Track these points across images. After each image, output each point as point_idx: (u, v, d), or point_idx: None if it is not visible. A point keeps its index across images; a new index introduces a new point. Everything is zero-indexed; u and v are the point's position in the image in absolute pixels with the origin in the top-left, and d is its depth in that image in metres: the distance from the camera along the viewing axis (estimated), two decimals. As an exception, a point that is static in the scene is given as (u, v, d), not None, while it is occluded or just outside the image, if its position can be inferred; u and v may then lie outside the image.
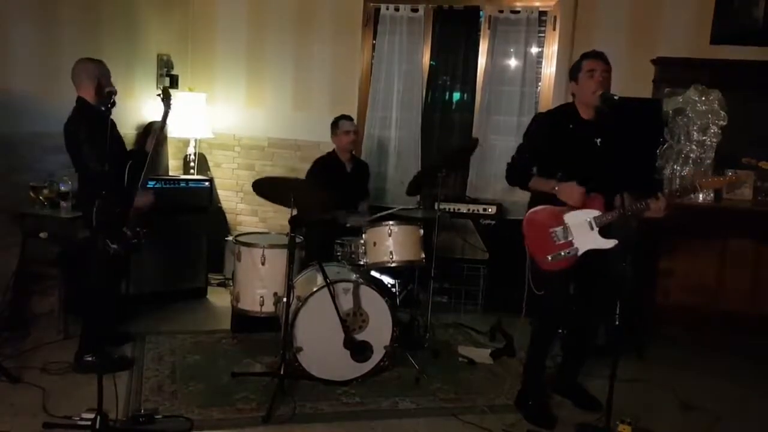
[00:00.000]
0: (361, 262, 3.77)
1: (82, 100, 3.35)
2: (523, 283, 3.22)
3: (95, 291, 3.41)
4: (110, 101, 2.87)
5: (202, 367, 3.60)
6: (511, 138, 5.12)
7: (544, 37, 5.20)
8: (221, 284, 5.15)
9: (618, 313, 2.77)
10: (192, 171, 5.39)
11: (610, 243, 3.06)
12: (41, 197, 3.84)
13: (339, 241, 3.92)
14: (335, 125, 4.47)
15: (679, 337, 4.25)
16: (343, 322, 3.37)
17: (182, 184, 4.78)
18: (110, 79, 3.39)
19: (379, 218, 3.99)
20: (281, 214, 5.35)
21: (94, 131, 3.13)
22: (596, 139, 3.08)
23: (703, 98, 4.37)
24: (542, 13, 5.19)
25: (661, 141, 4.50)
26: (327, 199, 3.50)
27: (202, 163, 5.66)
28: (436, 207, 4.10)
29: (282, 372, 3.22)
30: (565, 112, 3.19)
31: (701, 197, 4.29)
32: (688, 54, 4.63)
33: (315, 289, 3.40)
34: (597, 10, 4.93)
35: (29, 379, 3.24)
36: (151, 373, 3.47)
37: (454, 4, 5.36)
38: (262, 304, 3.83)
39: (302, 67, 5.54)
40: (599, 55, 3.08)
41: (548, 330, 3.27)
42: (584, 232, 3.07)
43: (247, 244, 3.92)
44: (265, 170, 5.58)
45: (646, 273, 4.16)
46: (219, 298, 4.86)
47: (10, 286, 3.72)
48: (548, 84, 5.19)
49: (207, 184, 4.91)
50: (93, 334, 3.41)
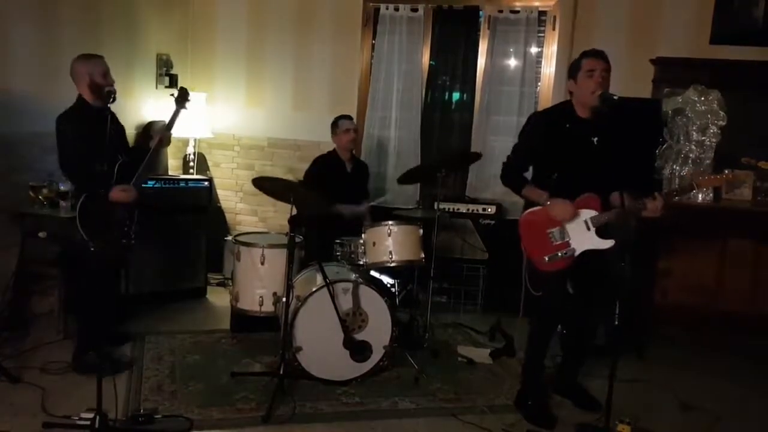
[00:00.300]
0: (361, 262, 3.77)
1: (81, 99, 3.35)
2: (522, 283, 3.22)
3: (86, 291, 3.42)
4: (109, 101, 2.88)
5: (201, 366, 3.60)
6: (511, 138, 5.09)
7: (543, 37, 5.20)
8: (221, 284, 5.15)
9: (617, 313, 2.77)
10: (191, 171, 5.39)
11: (608, 243, 3.06)
12: (41, 197, 3.84)
13: (338, 241, 3.92)
14: (335, 125, 4.49)
15: (679, 337, 4.25)
16: (342, 321, 3.37)
17: (182, 184, 4.78)
18: (105, 75, 3.34)
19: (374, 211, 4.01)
20: (281, 213, 5.37)
21: (91, 130, 3.12)
22: (593, 138, 3.06)
23: (703, 98, 4.37)
24: (542, 13, 5.18)
25: (661, 141, 4.50)
26: (326, 198, 3.50)
27: (202, 163, 5.65)
28: (436, 207, 4.11)
29: (281, 372, 3.22)
30: (562, 111, 3.16)
31: (701, 197, 4.30)
32: (688, 54, 4.63)
33: (314, 289, 3.40)
34: (596, 10, 4.93)
35: (29, 379, 3.24)
36: (151, 372, 3.48)
37: (454, 4, 5.35)
38: (261, 304, 3.83)
39: (302, 67, 5.54)
40: (599, 54, 3.03)
41: (546, 330, 3.27)
42: (581, 233, 3.07)
43: (246, 244, 3.92)
44: (264, 170, 5.58)
45: (645, 273, 4.16)
46: (218, 298, 4.86)
47: (10, 286, 3.71)
48: (548, 84, 5.19)
49: (206, 183, 4.91)
50: (88, 335, 3.41)
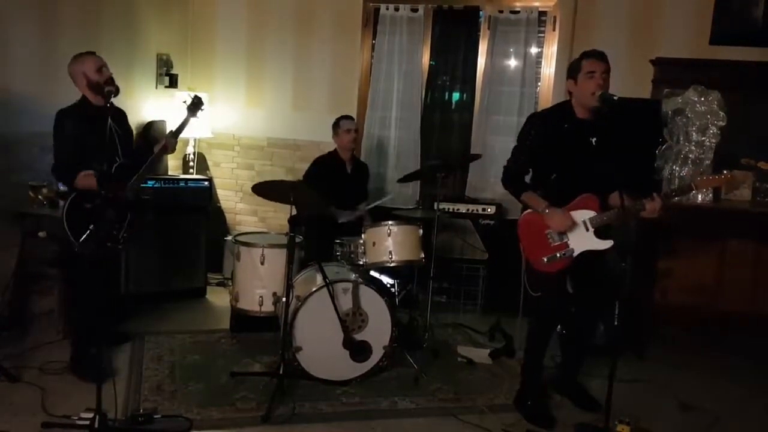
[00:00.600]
0: (361, 262, 3.77)
1: (83, 98, 3.33)
2: (521, 283, 3.22)
3: (76, 292, 3.42)
4: (109, 100, 2.87)
5: (201, 366, 3.60)
6: (511, 138, 5.07)
7: (543, 37, 5.20)
8: (220, 284, 5.14)
9: (617, 313, 2.77)
10: (191, 170, 5.39)
11: (606, 244, 3.06)
12: (40, 196, 3.83)
13: (338, 241, 3.92)
14: (336, 125, 4.49)
15: (678, 337, 4.25)
16: (342, 322, 3.37)
17: (181, 184, 4.78)
18: (99, 70, 3.28)
19: (374, 211, 4.02)
20: (281, 213, 5.36)
21: (91, 129, 3.12)
22: (591, 138, 3.06)
23: (703, 99, 4.37)
24: (542, 14, 5.18)
25: (660, 141, 4.49)
26: (326, 198, 3.50)
27: (202, 163, 5.65)
28: (436, 207, 4.11)
29: (281, 372, 3.22)
30: (561, 112, 3.16)
31: (700, 198, 4.29)
32: (688, 54, 4.63)
33: (314, 289, 3.40)
34: (596, 11, 4.93)
35: (28, 379, 3.24)
36: (151, 372, 3.48)
37: (454, 4, 5.35)
38: (261, 304, 3.83)
39: (302, 67, 5.54)
40: (600, 56, 3.02)
41: (545, 330, 3.27)
42: (579, 233, 3.07)
43: (246, 244, 3.92)
44: (264, 170, 5.58)
45: (645, 273, 4.16)
46: (218, 298, 4.86)
47: (10, 286, 3.71)
48: (548, 84, 5.19)
49: (206, 183, 4.90)
50: (80, 337, 3.41)
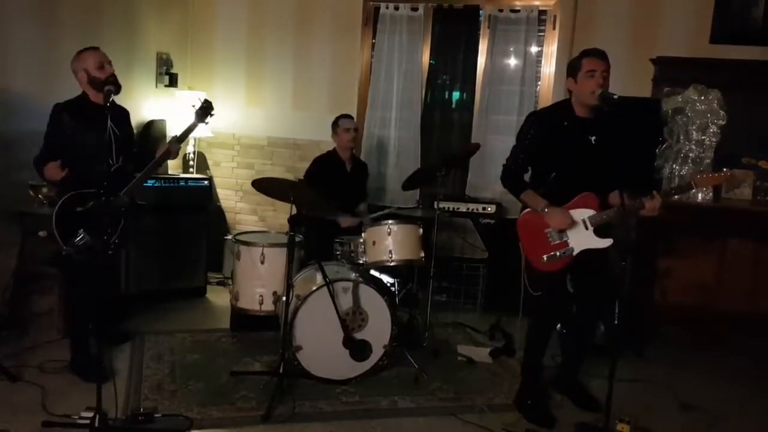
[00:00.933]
0: (361, 261, 3.76)
1: (83, 94, 3.32)
2: (521, 282, 3.22)
3: (73, 293, 3.42)
4: (108, 99, 2.86)
5: (201, 366, 3.60)
6: (511, 137, 4.96)
7: (543, 36, 5.19)
8: (220, 283, 5.14)
9: (617, 312, 2.77)
10: (191, 170, 5.39)
11: (606, 242, 3.06)
12: (40, 196, 3.82)
13: (338, 240, 3.91)
14: (336, 124, 4.49)
15: (678, 337, 4.24)
16: (342, 321, 3.37)
17: (181, 183, 4.77)
18: (101, 67, 3.24)
19: (375, 219, 4.02)
20: (280, 213, 5.37)
21: (89, 127, 3.11)
22: (591, 137, 3.06)
23: (703, 98, 4.36)
24: (542, 12, 5.18)
25: (660, 140, 4.50)
26: (326, 198, 3.50)
27: (202, 162, 5.65)
28: (436, 206, 4.11)
29: (281, 371, 3.22)
30: (560, 110, 3.16)
31: (700, 196, 4.29)
32: (688, 53, 4.63)
33: (314, 288, 3.40)
34: (597, 10, 4.93)
35: (29, 378, 3.24)
36: (151, 372, 3.47)
37: (454, 3, 5.35)
38: (261, 303, 3.83)
39: (302, 67, 5.54)
40: (601, 55, 3.01)
41: (545, 329, 3.27)
42: (579, 232, 3.07)
43: (246, 243, 3.92)
44: (264, 169, 5.58)
45: (645, 272, 4.16)
46: (218, 297, 4.86)
47: (10, 285, 3.71)
48: (548, 83, 5.19)
49: (206, 183, 4.90)
50: (76, 337, 3.41)
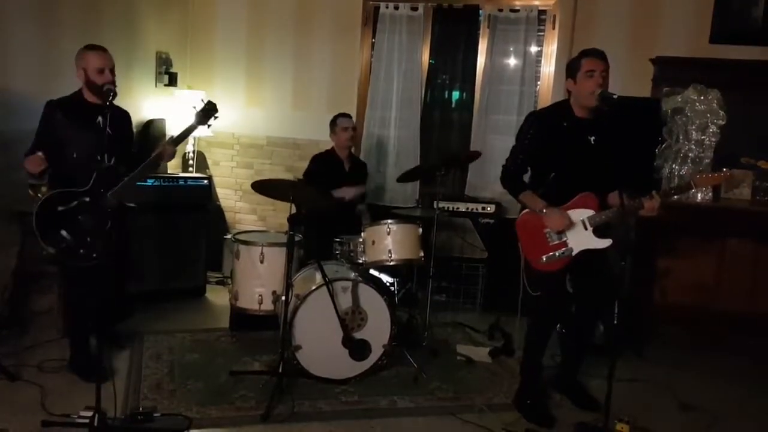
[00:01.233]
0: (360, 261, 3.76)
1: (78, 92, 3.30)
2: (521, 282, 3.22)
3: (69, 292, 3.43)
4: (108, 99, 2.85)
5: (200, 365, 3.60)
6: (511, 137, 4.95)
7: (543, 36, 5.20)
8: (220, 282, 5.14)
9: (616, 312, 2.77)
10: (191, 169, 5.39)
11: (605, 242, 3.06)
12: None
13: (338, 240, 3.91)
14: (333, 123, 4.49)
15: (678, 337, 4.24)
16: (341, 320, 3.37)
17: (181, 183, 4.77)
18: (101, 72, 3.21)
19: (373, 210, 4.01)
20: (280, 212, 5.36)
21: (80, 126, 3.11)
22: (590, 137, 3.06)
23: (702, 98, 4.36)
24: (541, 12, 5.18)
25: (660, 140, 4.50)
26: (325, 195, 3.51)
27: (201, 162, 5.65)
28: (435, 206, 4.11)
29: (280, 370, 3.22)
30: (559, 111, 3.16)
31: (700, 196, 4.29)
32: (688, 53, 4.62)
33: (314, 288, 3.40)
34: (596, 9, 4.92)
35: (28, 377, 3.24)
36: (150, 371, 3.47)
37: (454, 2, 5.35)
38: (260, 303, 3.83)
39: (301, 66, 5.54)
40: (599, 55, 3.01)
41: (544, 329, 3.27)
42: (578, 232, 3.07)
43: (245, 243, 3.92)
44: (263, 169, 5.58)
45: (644, 272, 4.16)
46: (217, 297, 4.86)
47: (9, 284, 3.71)
48: (547, 83, 5.19)
49: (206, 182, 4.90)
50: (73, 337, 3.42)
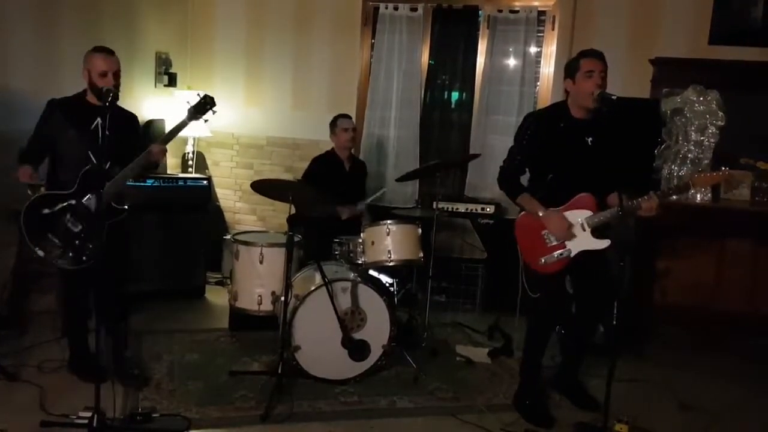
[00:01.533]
0: (360, 261, 3.76)
1: (81, 92, 3.29)
2: (520, 283, 3.22)
3: (67, 294, 3.42)
4: (107, 99, 2.84)
5: (200, 365, 3.60)
6: (510, 138, 4.96)
7: (542, 36, 5.20)
8: (219, 283, 5.14)
9: (616, 312, 2.77)
10: (190, 169, 5.38)
11: (604, 243, 3.06)
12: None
13: (337, 240, 3.91)
14: (333, 124, 4.49)
15: (677, 337, 4.25)
16: (341, 321, 3.37)
17: (180, 183, 4.77)
18: (104, 75, 3.15)
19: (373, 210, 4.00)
20: (280, 212, 5.36)
21: (76, 126, 3.11)
22: (587, 138, 3.06)
23: (701, 98, 4.37)
24: (541, 13, 5.18)
25: (659, 141, 4.50)
26: (325, 197, 3.50)
27: (201, 162, 5.65)
28: (435, 206, 4.11)
29: (280, 371, 3.22)
30: (556, 111, 3.16)
31: (699, 197, 4.29)
32: (687, 54, 4.63)
33: (313, 288, 3.40)
34: (595, 10, 4.92)
35: (27, 378, 3.24)
36: (149, 371, 3.46)
37: (453, 3, 5.35)
38: (260, 303, 3.83)
39: (301, 66, 5.54)
40: (598, 55, 3.01)
41: (544, 330, 3.27)
42: (576, 234, 3.06)
43: (245, 243, 3.92)
44: (263, 169, 5.58)
45: (644, 273, 4.17)
46: (217, 297, 4.86)
47: (8, 284, 3.71)
48: (547, 84, 5.19)
49: (205, 182, 4.90)
50: (69, 337, 3.42)
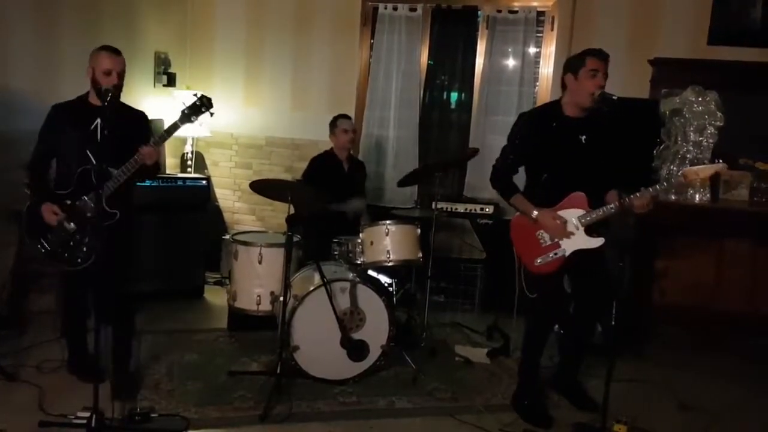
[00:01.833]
0: (359, 261, 3.76)
1: (85, 94, 3.28)
2: (517, 283, 3.23)
3: (66, 294, 3.41)
4: (105, 99, 2.83)
5: (198, 365, 3.60)
6: (509, 138, 5.11)
7: (542, 37, 5.20)
8: (218, 283, 5.14)
9: (615, 312, 2.77)
10: (189, 169, 5.38)
11: (598, 242, 3.06)
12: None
13: (336, 240, 3.91)
14: (333, 124, 4.48)
15: (677, 337, 4.25)
16: (340, 321, 3.37)
17: (179, 183, 4.78)
18: (108, 73, 3.09)
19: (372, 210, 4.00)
20: (279, 212, 5.36)
21: (75, 127, 3.10)
22: (581, 136, 3.06)
23: (700, 99, 4.37)
24: (540, 13, 5.19)
25: (658, 141, 4.50)
26: (324, 197, 3.50)
27: (200, 162, 5.65)
28: (434, 206, 4.11)
29: (279, 371, 3.22)
30: (549, 110, 3.17)
31: (698, 197, 4.30)
32: (686, 55, 4.63)
33: (312, 288, 3.40)
34: (595, 10, 4.93)
35: (26, 378, 3.24)
36: (148, 371, 3.47)
37: (452, 3, 5.35)
38: (259, 303, 3.83)
39: (300, 66, 5.54)
40: (604, 56, 3.00)
41: (542, 330, 3.27)
42: (570, 232, 3.07)
43: (244, 243, 3.92)
44: (262, 169, 5.58)
45: (643, 272, 4.17)
46: (216, 297, 4.86)
47: (7, 284, 3.71)
48: (546, 84, 5.19)
49: (204, 182, 4.90)
50: (67, 336, 3.42)
